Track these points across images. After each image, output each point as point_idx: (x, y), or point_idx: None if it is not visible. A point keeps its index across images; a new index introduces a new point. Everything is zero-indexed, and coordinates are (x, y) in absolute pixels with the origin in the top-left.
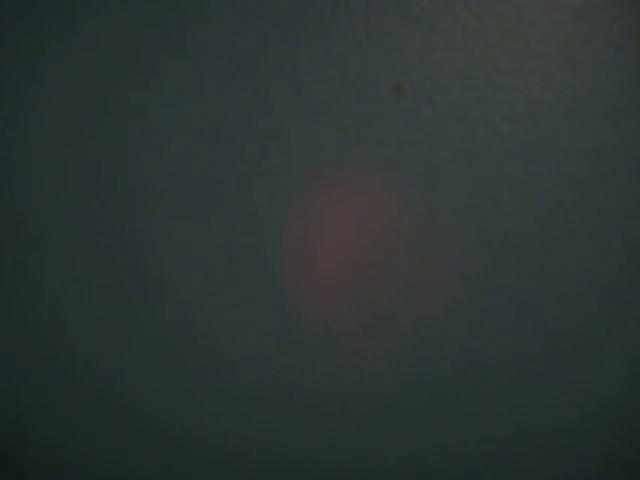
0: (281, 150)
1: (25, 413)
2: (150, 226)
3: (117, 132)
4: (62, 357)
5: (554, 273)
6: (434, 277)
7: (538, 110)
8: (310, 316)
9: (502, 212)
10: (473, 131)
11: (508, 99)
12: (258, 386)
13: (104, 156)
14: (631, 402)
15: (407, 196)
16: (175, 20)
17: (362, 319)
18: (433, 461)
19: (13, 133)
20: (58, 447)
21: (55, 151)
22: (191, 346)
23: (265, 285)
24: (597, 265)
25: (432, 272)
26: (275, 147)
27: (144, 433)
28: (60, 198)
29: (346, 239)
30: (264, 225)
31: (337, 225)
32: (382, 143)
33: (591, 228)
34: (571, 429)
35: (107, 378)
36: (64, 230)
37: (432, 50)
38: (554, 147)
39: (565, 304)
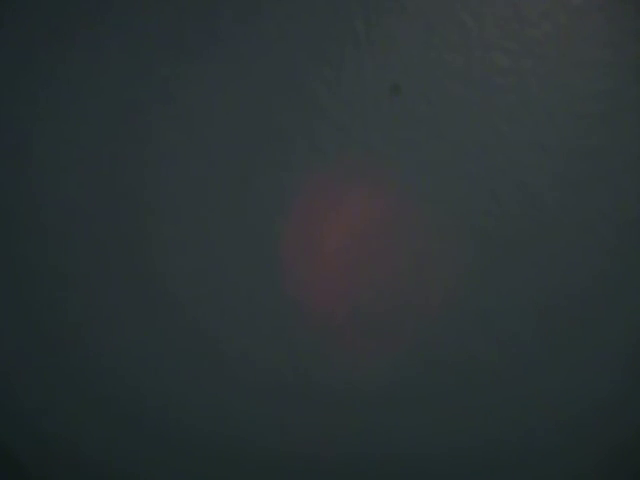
0: (281, 150)
1: (25, 410)
2: (156, 227)
3: (121, 134)
4: (63, 353)
5: (552, 271)
6: (433, 274)
7: (537, 110)
8: (310, 312)
9: (501, 211)
10: (472, 131)
11: (508, 99)
12: (259, 382)
13: (110, 157)
14: (629, 398)
15: (406, 195)
16: (177, 22)
17: (361, 316)
18: (430, 457)
19: (32, 138)
20: (58, 444)
21: (68, 155)
22: (194, 342)
23: (266, 282)
24: (595, 265)
25: (431, 270)
26: (275, 147)
27: (146, 429)
28: (75, 201)
29: (346, 238)
30: (264, 225)
31: (337, 224)
32: (381, 143)
33: (589, 228)
34: (569, 425)
35: (109, 375)
36: (77, 231)
37: (431, 50)
38: (553, 147)
39: (562, 302)
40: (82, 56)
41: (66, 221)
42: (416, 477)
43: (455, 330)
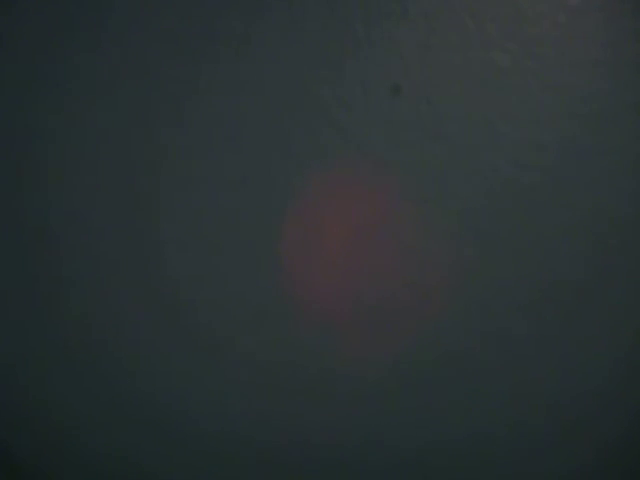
0: (281, 150)
1: (24, 408)
2: (158, 226)
3: (126, 136)
4: (77, 358)
5: (549, 270)
6: (431, 273)
7: (537, 109)
8: (312, 310)
9: (500, 212)
10: (472, 131)
11: (507, 99)
12: (259, 377)
13: (112, 159)
14: (624, 391)
15: (406, 195)
16: (180, 25)
17: (361, 312)
18: (425, 448)
19: (47, 148)
20: (74, 447)
21: (77, 161)
22: (195, 337)
23: (270, 280)
24: (589, 259)
25: (429, 268)
26: (275, 147)
27: (149, 425)
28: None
29: (346, 238)
30: (264, 224)
31: (337, 224)
32: (381, 143)
33: (589, 229)
34: (564, 418)
35: (110, 370)
36: (85, 231)
37: (431, 50)
38: (553, 147)
39: (556, 296)
40: (95, 67)
41: (75, 227)
42: (411, 468)
43: (452, 324)
